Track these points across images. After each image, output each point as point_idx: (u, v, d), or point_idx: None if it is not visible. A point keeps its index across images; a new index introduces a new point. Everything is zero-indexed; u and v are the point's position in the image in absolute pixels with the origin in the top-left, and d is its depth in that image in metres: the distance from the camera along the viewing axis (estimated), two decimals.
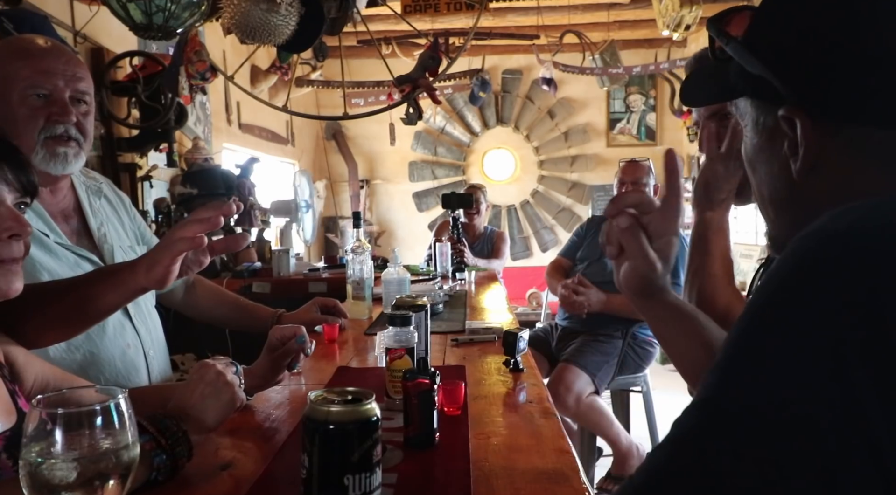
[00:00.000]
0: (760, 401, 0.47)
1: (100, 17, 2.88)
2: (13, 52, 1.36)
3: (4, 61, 1.35)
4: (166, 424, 0.88)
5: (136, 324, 1.54)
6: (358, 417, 0.76)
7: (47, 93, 1.34)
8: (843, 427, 0.44)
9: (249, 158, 3.82)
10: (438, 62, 3.09)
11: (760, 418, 0.47)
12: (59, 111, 1.35)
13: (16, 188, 0.91)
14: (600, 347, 2.84)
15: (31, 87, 1.33)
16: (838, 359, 0.45)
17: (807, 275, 0.49)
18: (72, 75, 1.38)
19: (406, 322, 1.19)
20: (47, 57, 1.36)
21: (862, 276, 0.47)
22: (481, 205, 4.13)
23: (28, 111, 1.33)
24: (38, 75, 1.33)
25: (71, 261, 1.41)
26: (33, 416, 0.62)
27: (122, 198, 1.71)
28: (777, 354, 0.48)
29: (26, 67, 1.33)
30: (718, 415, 0.49)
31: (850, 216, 0.51)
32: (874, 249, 0.48)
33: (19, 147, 1.11)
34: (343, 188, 7.81)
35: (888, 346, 0.44)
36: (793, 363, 0.47)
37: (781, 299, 0.50)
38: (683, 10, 4.24)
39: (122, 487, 0.65)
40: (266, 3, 2.27)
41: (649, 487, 0.51)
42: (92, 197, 1.57)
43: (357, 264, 2.10)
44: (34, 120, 1.33)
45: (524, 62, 7.45)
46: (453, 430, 1.08)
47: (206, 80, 3.41)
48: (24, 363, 1.08)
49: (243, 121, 5.43)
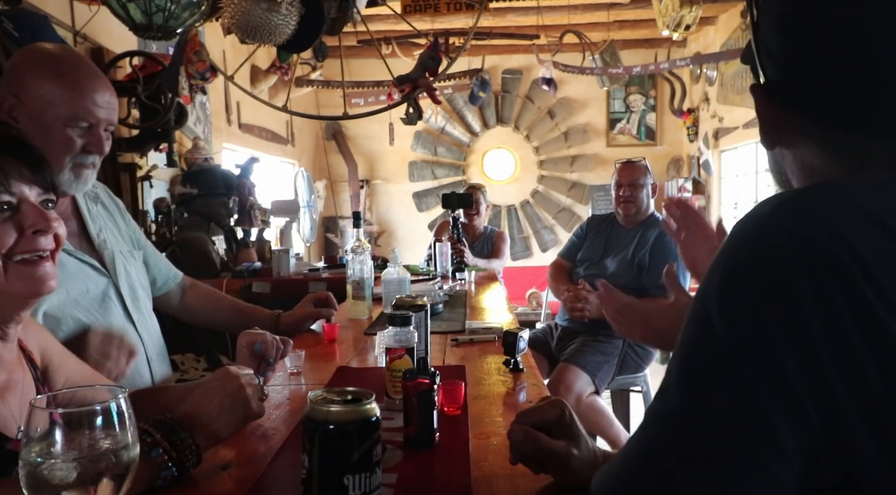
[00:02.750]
0: (705, 395, 0.53)
1: (100, 17, 2.88)
2: (54, 76, 1.34)
3: (45, 84, 1.33)
4: (181, 437, 0.87)
5: (140, 329, 1.54)
6: (358, 417, 0.76)
7: (88, 125, 1.37)
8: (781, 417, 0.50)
9: (249, 158, 3.82)
10: (438, 62, 3.09)
11: (704, 411, 0.52)
12: (96, 143, 1.38)
13: (37, 185, 0.91)
14: (600, 347, 2.84)
15: (73, 120, 1.34)
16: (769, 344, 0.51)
17: (737, 259, 0.55)
18: (110, 107, 1.40)
19: (406, 322, 1.19)
20: (87, 88, 1.36)
21: (777, 257, 0.52)
22: (481, 205, 4.13)
23: (66, 140, 1.35)
24: (81, 109, 1.35)
25: (74, 267, 1.42)
26: (33, 416, 0.62)
27: (117, 204, 1.71)
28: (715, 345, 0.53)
29: (73, 99, 1.34)
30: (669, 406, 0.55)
31: (770, 202, 0.57)
32: (785, 230, 0.54)
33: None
34: (343, 188, 7.82)
35: (805, 327, 0.50)
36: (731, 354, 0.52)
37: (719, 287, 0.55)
38: (683, 10, 4.23)
39: (121, 487, 0.65)
40: (266, 3, 2.27)
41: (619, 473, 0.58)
42: (90, 203, 1.57)
43: (357, 264, 2.10)
44: (71, 148, 1.36)
45: (524, 62, 7.45)
46: (453, 430, 1.08)
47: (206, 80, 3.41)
48: (58, 364, 1.09)
49: (243, 121, 5.43)
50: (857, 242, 0.51)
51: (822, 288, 0.50)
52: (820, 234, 0.52)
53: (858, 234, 0.51)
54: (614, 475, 0.58)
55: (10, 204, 0.88)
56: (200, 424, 0.92)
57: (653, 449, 0.56)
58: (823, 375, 0.49)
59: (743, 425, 0.50)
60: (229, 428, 0.96)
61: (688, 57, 6.51)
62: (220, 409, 0.95)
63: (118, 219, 1.67)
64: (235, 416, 0.97)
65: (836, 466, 0.50)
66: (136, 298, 1.56)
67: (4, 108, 1.34)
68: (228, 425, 0.96)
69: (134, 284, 1.57)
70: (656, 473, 0.54)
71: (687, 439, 0.53)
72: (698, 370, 0.54)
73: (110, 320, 1.45)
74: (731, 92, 6.36)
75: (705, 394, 0.53)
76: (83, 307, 1.41)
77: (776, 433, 0.49)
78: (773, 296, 0.51)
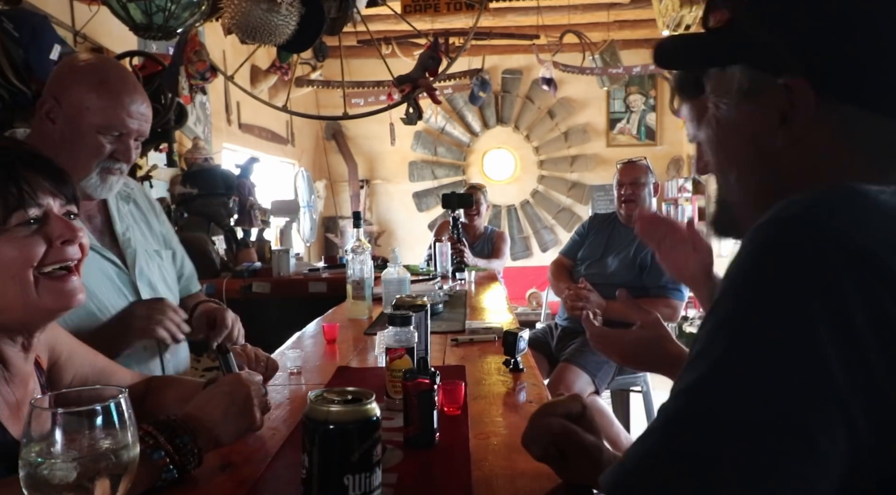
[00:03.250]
0: (745, 394, 0.49)
1: (100, 17, 2.88)
2: (93, 84, 1.39)
3: (84, 90, 1.39)
4: (184, 441, 0.87)
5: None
6: (358, 417, 0.76)
7: (119, 134, 1.42)
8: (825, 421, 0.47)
9: (249, 158, 3.82)
10: (438, 62, 3.09)
11: (745, 410, 0.49)
12: (124, 151, 1.43)
13: (60, 197, 0.93)
14: None
15: (107, 127, 1.40)
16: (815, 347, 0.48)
17: (775, 261, 0.52)
18: (143, 119, 1.45)
19: (406, 322, 1.19)
20: (124, 97, 1.41)
21: (822, 260, 0.50)
22: (481, 205, 4.13)
23: (96, 145, 1.40)
24: (116, 118, 1.40)
25: (93, 261, 1.42)
26: (33, 416, 0.62)
27: (152, 204, 1.74)
28: (757, 346, 0.50)
29: (108, 108, 1.39)
30: (704, 404, 0.51)
31: (801, 204, 0.54)
32: (827, 233, 0.51)
33: (72, 168, 1.20)
34: (343, 188, 7.81)
35: (853, 331, 0.48)
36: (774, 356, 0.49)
37: (754, 288, 0.52)
38: (683, 10, 4.23)
39: (122, 487, 0.65)
40: (266, 3, 2.27)
41: (640, 470, 0.52)
42: (120, 202, 1.61)
43: (357, 264, 2.10)
44: (99, 153, 1.41)
45: (524, 62, 7.45)
46: (453, 430, 1.08)
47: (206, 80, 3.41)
48: (66, 360, 1.09)
49: (243, 121, 5.43)
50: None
51: (869, 291, 0.49)
52: (861, 237, 0.51)
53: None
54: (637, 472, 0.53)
55: (38, 217, 0.90)
56: (204, 428, 0.92)
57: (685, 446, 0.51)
58: (872, 377, 0.48)
59: (782, 428, 0.48)
60: (232, 435, 0.97)
61: None
62: (224, 416, 0.95)
63: (151, 218, 1.70)
64: (239, 425, 0.97)
65: (879, 471, 0.49)
66: (154, 295, 1.57)
67: (44, 109, 1.40)
68: (231, 432, 0.96)
69: (154, 281, 1.59)
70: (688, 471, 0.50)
71: (720, 437, 0.50)
72: (733, 372, 0.51)
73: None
74: None
75: (742, 393, 0.50)
76: (98, 299, 1.43)
77: (815, 436, 0.48)
78: (817, 297, 0.49)
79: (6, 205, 0.86)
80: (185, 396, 1.10)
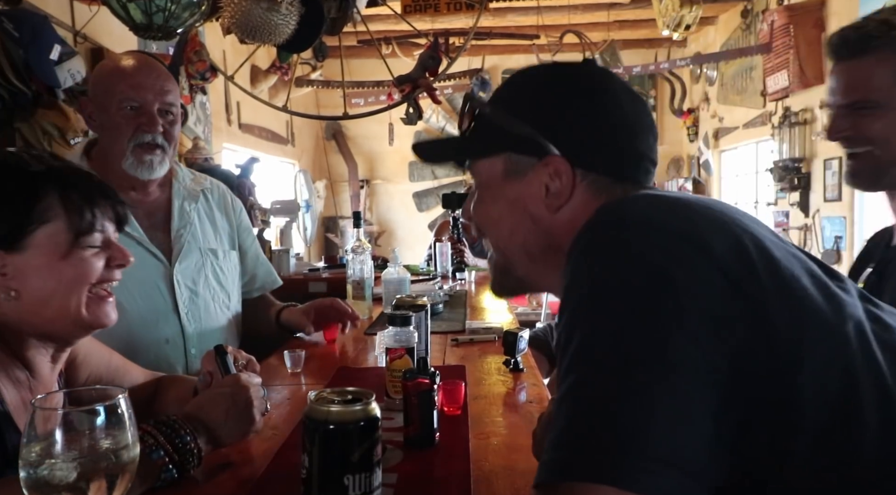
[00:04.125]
0: (611, 339, 0.59)
1: (100, 17, 2.87)
2: (112, 70, 1.54)
3: (105, 78, 1.53)
4: (184, 441, 0.89)
5: (184, 320, 1.55)
6: (358, 417, 0.76)
7: (138, 105, 1.50)
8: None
9: (249, 158, 3.82)
10: (438, 62, 3.09)
11: (618, 352, 0.58)
12: (147, 122, 1.50)
13: (115, 222, 1.02)
14: None
15: (124, 100, 1.49)
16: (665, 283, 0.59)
17: (619, 233, 0.64)
18: (160, 89, 1.52)
19: (406, 322, 1.19)
20: (139, 73, 1.52)
21: (647, 228, 0.63)
22: None
23: (121, 121, 1.49)
24: (130, 89, 1.49)
25: (131, 243, 1.48)
26: (34, 416, 0.62)
27: (229, 205, 1.77)
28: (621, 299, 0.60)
29: (122, 82, 1.50)
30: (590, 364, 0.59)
31: (615, 205, 0.69)
32: (637, 210, 0.67)
33: (110, 152, 1.50)
34: (343, 188, 7.81)
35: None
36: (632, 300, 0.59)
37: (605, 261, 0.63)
38: (683, 10, 4.24)
39: (121, 487, 0.65)
40: (266, 3, 2.27)
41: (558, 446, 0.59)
42: (187, 201, 1.65)
43: (357, 264, 2.09)
44: (126, 129, 1.49)
45: (524, 62, 7.43)
46: (453, 430, 1.08)
47: (206, 80, 3.41)
48: (83, 358, 1.11)
49: (243, 121, 5.43)
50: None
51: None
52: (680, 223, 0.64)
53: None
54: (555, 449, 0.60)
55: (102, 240, 0.99)
56: (204, 428, 0.93)
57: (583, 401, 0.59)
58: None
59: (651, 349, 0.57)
60: (232, 436, 0.98)
61: (688, 57, 6.51)
62: (225, 417, 0.96)
63: (220, 217, 1.73)
64: (239, 426, 0.98)
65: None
66: (195, 292, 1.59)
67: (86, 112, 1.55)
68: (231, 433, 0.97)
69: (197, 277, 1.61)
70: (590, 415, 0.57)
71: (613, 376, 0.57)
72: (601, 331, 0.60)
73: (152, 305, 1.51)
74: (731, 92, 6.35)
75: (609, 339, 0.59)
76: (126, 288, 1.43)
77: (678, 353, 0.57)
78: (677, 259, 0.60)
79: (80, 228, 0.95)
80: (186, 395, 1.11)
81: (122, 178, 1.51)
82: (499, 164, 0.80)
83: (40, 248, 0.92)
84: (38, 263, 0.92)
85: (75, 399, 0.66)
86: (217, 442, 0.95)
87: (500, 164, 0.80)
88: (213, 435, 0.95)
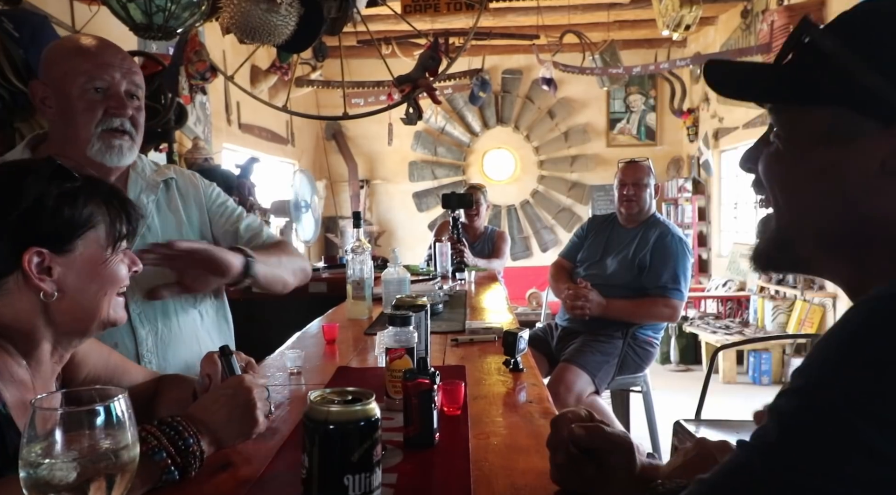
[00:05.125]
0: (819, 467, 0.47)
1: (100, 17, 2.87)
2: (71, 50, 1.41)
3: (63, 58, 1.40)
4: (187, 443, 0.89)
5: (136, 322, 1.45)
6: (358, 417, 0.76)
7: (105, 86, 1.39)
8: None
9: (249, 158, 3.82)
10: (438, 62, 3.09)
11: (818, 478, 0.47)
12: (116, 105, 1.39)
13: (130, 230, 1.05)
14: (600, 347, 2.84)
15: (89, 81, 1.37)
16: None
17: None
18: (127, 70, 1.42)
19: (406, 322, 1.19)
20: (104, 53, 1.41)
21: None
22: (481, 205, 4.13)
23: (86, 104, 1.37)
24: (96, 69, 1.38)
25: None
26: (33, 416, 0.62)
27: (203, 187, 1.65)
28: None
29: (86, 62, 1.38)
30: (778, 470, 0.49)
31: None
32: None
33: (75, 139, 1.38)
34: (343, 188, 7.82)
35: None
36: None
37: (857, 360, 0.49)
38: (683, 10, 4.24)
39: (121, 487, 0.65)
40: (266, 3, 2.27)
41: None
42: (144, 193, 1.53)
43: (357, 264, 2.10)
44: (92, 112, 1.38)
45: (524, 62, 7.45)
46: (453, 430, 1.08)
47: (206, 80, 3.41)
48: (81, 358, 1.11)
49: (243, 121, 5.43)
50: None
51: None
52: None
53: None
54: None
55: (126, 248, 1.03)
56: (208, 430, 0.93)
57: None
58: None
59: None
60: (234, 438, 0.98)
61: (688, 57, 6.51)
62: (228, 418, 0.96)
63: (187, 207, 1.60)
64: (242, 428, 0.98)
65: None
66: (148, 285, 1.44)
67: (38, 96, 1.40)
68: (234, 435, 0.97)
69: (151, 276, 1.44)
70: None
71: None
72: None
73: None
74: None
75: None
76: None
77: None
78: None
79: (118, 235, 1.00)
80: (187, 396, 1.11)
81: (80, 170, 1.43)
82: (822, 119, 0.61)
83: (85, 252, 0.96)
84: (82, 266, 0.96)
85: (75, 399, 0.66)
86: (220, 443, 0.96)
87: (825, 120, 0.61)
88: (216, 437, 0.95)
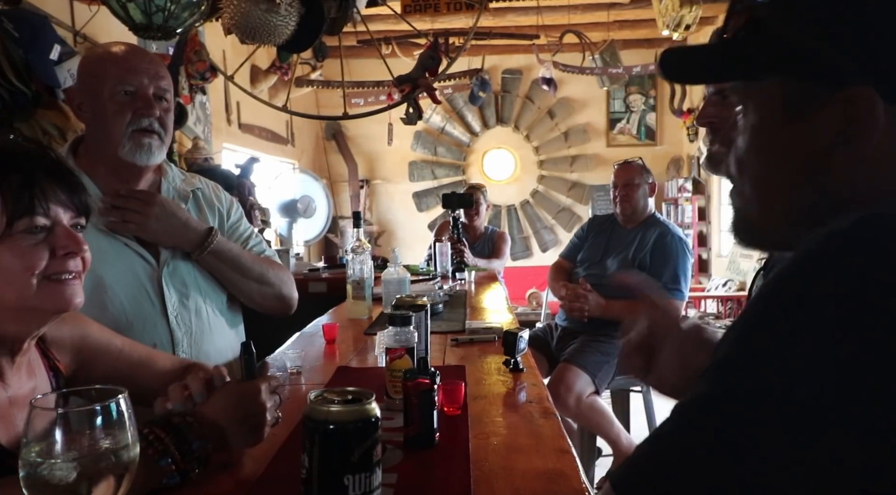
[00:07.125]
0: (763, 395, 0.47)
1: (100, 17, 2.87)
2: (102, 57, 1.52)
3: (95, 65, 1.51)
4: (193, 448, 0.87)
5: (173, 324, 1.50)
6: (358, 417, 0.76)
7: (133, 89, 1.47)
8: (840, 416, 0.45)
9: (249, 158, 3.83)
10: (438, 62, 3.09)
11: (763, 409, 0.47)
12: (144, 106, 1.47)
13: (71, 209, 0.93)
14: (600, 347, 2.84)
15: (119, 84, 1.46)
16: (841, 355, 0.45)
17: (821, 273, 0.48)
18: (154, 74, 1.50)
19: (406, 322, 1.19)
20: (133, 57, 1.50)
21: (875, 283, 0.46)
22: (481, 205, 4.13)
23: (117, 106, 1.45)
24: (125, 73, 1.46)
25: (120, 253, 1.46)
26: (34, 416, 0.62)
27: (221, 204, 1.70)
28: (782, 348, 0.47)
29: (115, 67, 1.47)
30: (721, 409, 0.49)
31: (878, 226, 0.49)
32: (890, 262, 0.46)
33: (107, 141, 1.45)
34: (343, 188, 7.82)
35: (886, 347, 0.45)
36: (796, 357, 0.46)
37: (791, 293, 0.49)
38: (683, 10, 4.24)
39: (122, 487, 0.65)
40: (266, 4, 2.27)
41: (646, 475, 0.51)
42: (176, 201, 1.57)
43: (357, 264, 2.09)
44: (122, 114, 1.45)
45: (524, 62, 7.45)
46: (453, 430, 1.08)
47: (206, 79, 3.41)
48: (95, 360, 1.08)
49: (243, 121, 5.43)
50: None
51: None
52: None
53: None
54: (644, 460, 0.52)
55: (45, 226, 0.90)
56: (218, 435, 0.92)
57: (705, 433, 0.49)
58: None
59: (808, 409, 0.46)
60: (240, 445, 0.96)
61: None
62: (238, 425, 0.94)
63: (211, 218, 1.65)
64: (248, 438, 0.96)
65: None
66: (185, 295, 1.53)
67: (75, 103, 1.52)
68: (240, 443, 0.96)
69: (188, 280, 1.54)
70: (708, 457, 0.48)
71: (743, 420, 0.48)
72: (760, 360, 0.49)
73: (138, 308, 1.45)
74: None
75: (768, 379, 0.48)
76: (112, 291, 1.41)
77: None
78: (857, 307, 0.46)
79: (14, 210, 0.86)
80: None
81: (114, 171, 1.48)
82: (774, 92, 0.59)
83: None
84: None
85: (75, 399, 0.66)
86: (225, 446, 0.94)
87: (777, 94, 0.59)
88: (223, 440, 0.93)
